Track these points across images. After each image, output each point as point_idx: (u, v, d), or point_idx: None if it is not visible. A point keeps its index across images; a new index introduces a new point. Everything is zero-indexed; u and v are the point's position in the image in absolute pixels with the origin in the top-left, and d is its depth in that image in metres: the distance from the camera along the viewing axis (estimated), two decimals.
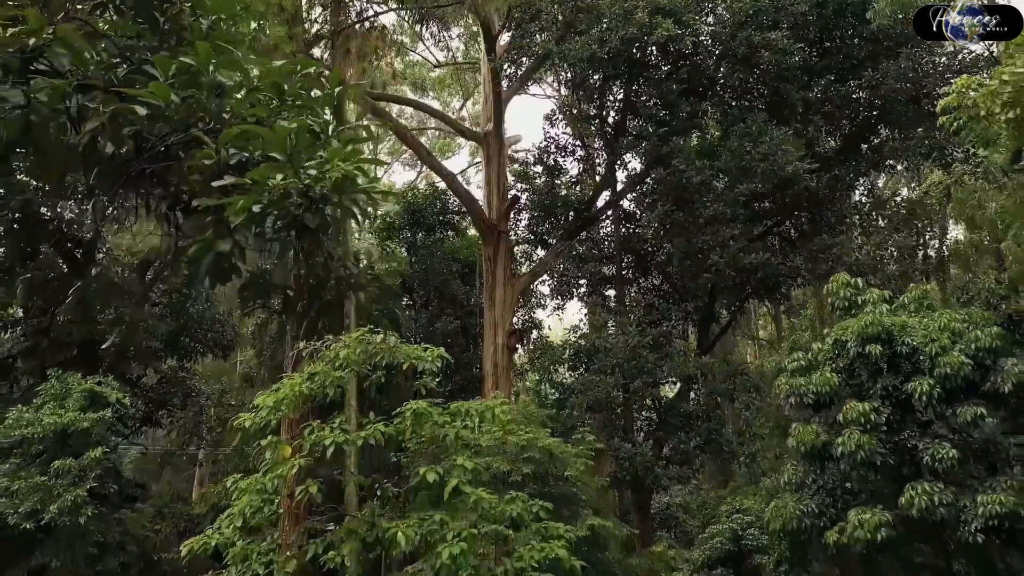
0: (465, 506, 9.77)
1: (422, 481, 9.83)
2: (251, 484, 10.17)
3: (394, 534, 9.38)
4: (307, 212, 4.76)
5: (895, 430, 13.20)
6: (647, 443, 21.58)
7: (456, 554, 9.14)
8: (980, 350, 12.77)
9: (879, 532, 12.22)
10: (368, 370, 11.05)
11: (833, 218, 23.84)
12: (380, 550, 10.11)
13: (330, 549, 9.69)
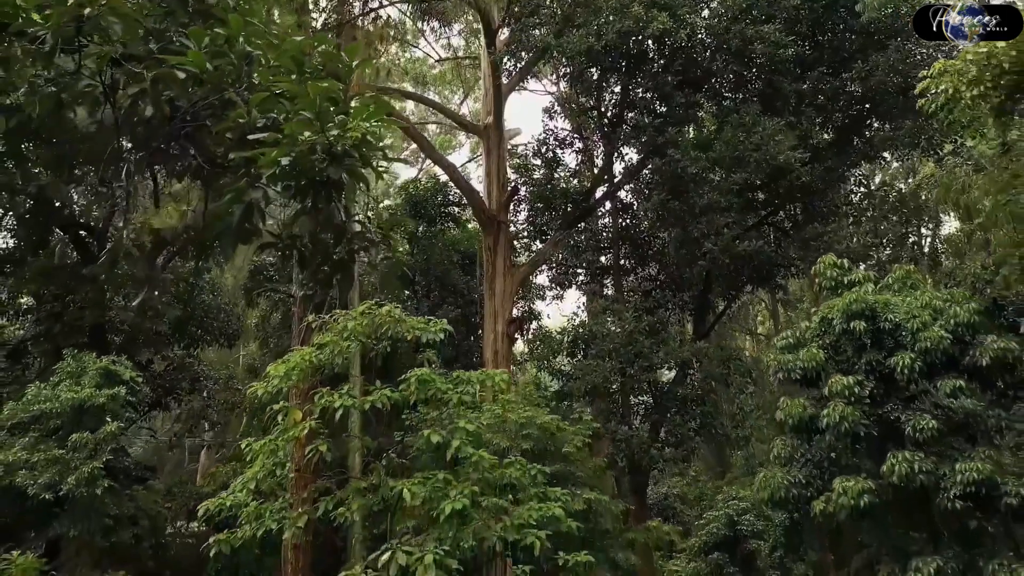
0: (468, 467, 10.35)
1: (426, 443, 10.41)
2: (264, 445, 10.75)
3: (400, 492, 9.95)
4: (330, 166, 5.32)
5: (879, 403, 13.78)
6: (644, 426, 22.16)
7: (459, 509, 9.72)
8: (959, 325, 13.35)
9: (862, 498, 12.80)
10: (373, 343, 11.62)
11: (825, 208, 24.43)
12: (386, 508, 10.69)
13: (339, 506, 10.26)
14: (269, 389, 11.19)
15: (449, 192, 29.72)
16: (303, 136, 5.20)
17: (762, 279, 25.51)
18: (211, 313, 26.72)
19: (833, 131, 24.46)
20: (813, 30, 22.72)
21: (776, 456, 15.29)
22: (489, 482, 10.82)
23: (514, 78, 26.88)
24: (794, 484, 14.36)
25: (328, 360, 11.37)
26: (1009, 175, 11.37)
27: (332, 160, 5.35)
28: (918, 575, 12.54)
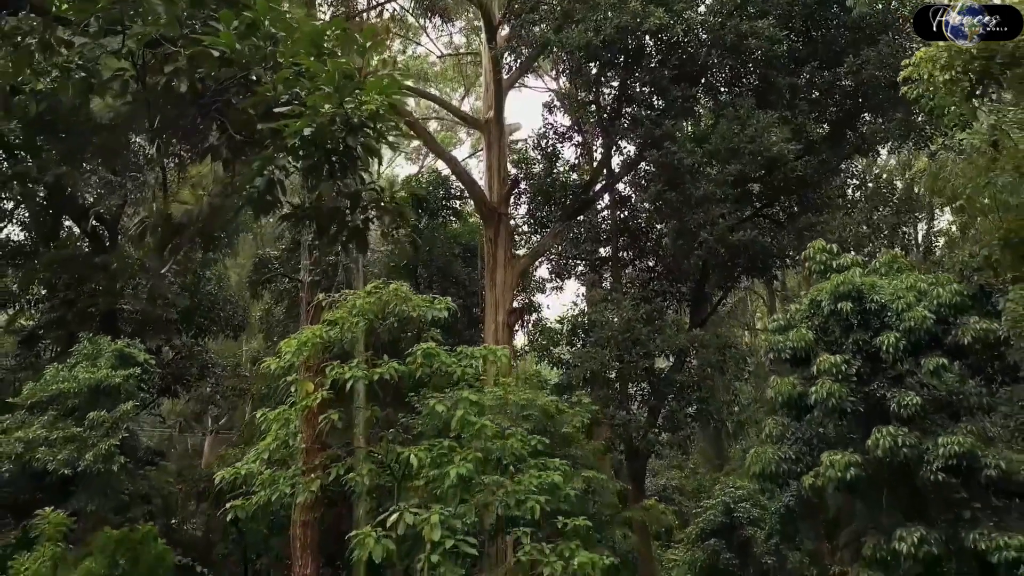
0: (471, 436, 10.90)
1: (432, 413, 10.98)
2: (279, 415, 11.31)
3: (407, 457, 10.51)
4: (349, 136, 5.88)
5: (865, 381, 14.34)
6: (641, 411, 22.71)
7: (463, 474, 10.28)
8: (942, 306, 13.90)
9: (848, 471, 13.35)
10: (380, 321, 12.18)
11: (819, 200, 24.99)
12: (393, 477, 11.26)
13: (350, 471, 10.82)
14: (282, 364, 11.75)
15: (450, 186, 30.28)
16: (324, 108, 5.76)
17: (757, 269, 26.08)
18: (217, 304, 27.29)
19: (827, 125, 24.99)
20: (806, 25, 23.29)
21: (768, 435, 15.84)
22: (491, 452, 11.36)
23: (514, 73, 27.44)
24: (784, 460, 14.92)
25: (338, 337, 11.92)
26: (987, 159, 11.91)
27: (350, 130, 5.91)
28: (901, 544, 13.07)
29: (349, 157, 6.40)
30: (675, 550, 33.51)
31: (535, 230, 28.54)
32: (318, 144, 5.91)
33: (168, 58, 6.42)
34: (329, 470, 11.01)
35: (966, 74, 9.52)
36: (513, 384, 17.21)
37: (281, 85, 5.92)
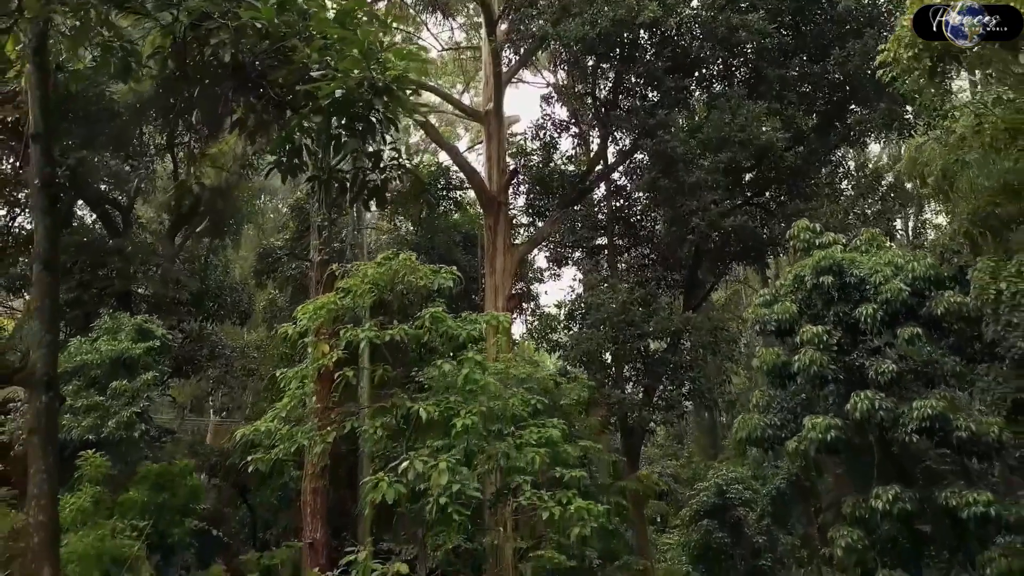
0: (476, 392, 11.75)
1: (439, 371, 11.82)
2: (297, 373, 12.16)
3: (416, 411, 11.35)
4: (375, 97, 6.72)
5: (845, 351, 15.22)
6: (636, 390, 23.59)
7: (469, 424, 11.14)
8: (916, 279, 14.78)
9: (829, 433, 14.21)
10: (389, 290, 13.00)
11: (808, 189, 25.88)
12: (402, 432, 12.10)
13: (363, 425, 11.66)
14: (298, 329, 12.60)
15: (451, 177, 31.14)
16: (353, 73, 6.60)
17: (749, 257, 26.99)
18: (225, 290, 28.13)
19: (816, 116, 25.89)
20: (795, 19, 24.16)
21: (755, 405, 16.72)
22: (494, 411, 12.21)
23: (513, 66, 28.29)
24: (769, 426, 15.79)
25: (350, 305, 12.75)
26: (957, 139, 12.75)
27: (376, 93, 6.76)
28: (877, 502, 13.93)
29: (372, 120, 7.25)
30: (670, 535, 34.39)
31: (533, 219, 29.42)
32: (348, 105, 6.74)
33: (210, 33, 7.27)
34: (344, 424, 11.84)
35: (927, 51, 10.32)
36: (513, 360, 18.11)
37: (315, 54, 6.77)
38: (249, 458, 12.07)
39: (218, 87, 8.46)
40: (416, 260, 13.07)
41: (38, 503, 6.89)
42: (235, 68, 7.42)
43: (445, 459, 10.72)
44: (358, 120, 7.10)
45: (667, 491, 36.83)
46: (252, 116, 8.36)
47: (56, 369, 7.17)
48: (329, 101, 6.66)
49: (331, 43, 7.09)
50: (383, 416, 11.61)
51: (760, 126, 21.94)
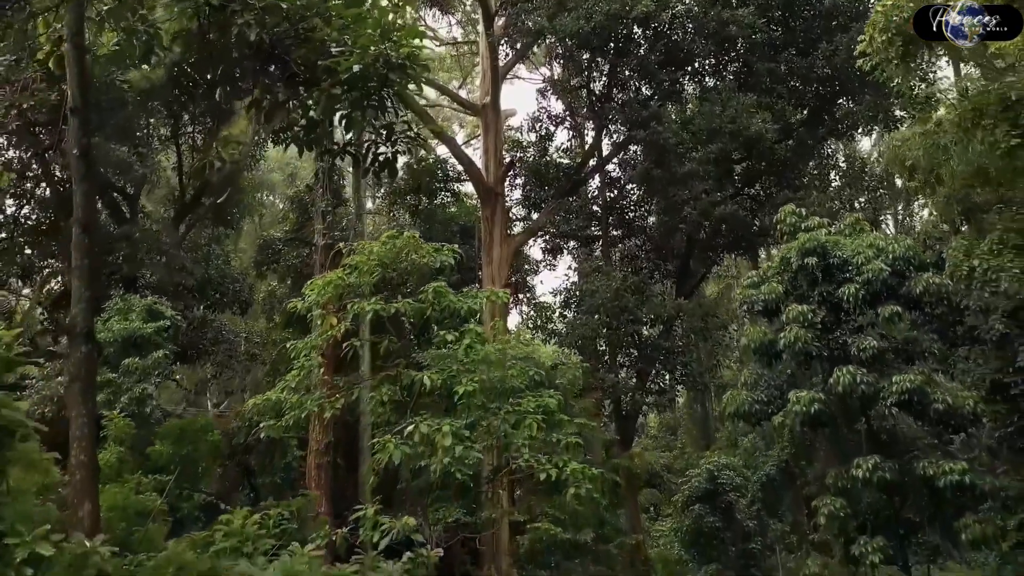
0: (476, 361, 12.38)
1: (441, 342, 12.46)
2: (306, 344, 12.78)
3: (421, 379, 11.98)
4: (391, 72, 7.36)
5: (829, 329, 15.91)
6: (630, 374, 24.27)
7: (470, 391, 11.77)
8: (896, 259, 15.48)
9: (812, 406, 14.90)
10: (393, 268, 13.62)
11: (797, 181, 26.62)
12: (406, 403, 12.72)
13: (373, 391, 12.29)
14: (307, 304, 13.21)
15: (448, 169, 31.77)
16: (370, 50, 7.24)
17: (739, 247, 27.69)
18: (227, 279, 28.69)
19: (805, 109, 26.62)
20: (784, 14, 24.87)
21: (743, 383, 17.41)
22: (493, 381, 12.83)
23: (510, 61, 28.93)
24: (756, 401, 16.48)
25: (356, 281, 13.36)
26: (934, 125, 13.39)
27: (390, 68, 7.39)
28: (858, 471, 14.61)
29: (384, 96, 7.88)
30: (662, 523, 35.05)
31: (529, 210, 30.07)
32: (365, 80, 7.37)
33: (235, 14, 7.89)
34: (351, 392, 12.46)
35: (899, 34, 10.95)
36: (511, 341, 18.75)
37: (335, 32, 7.41)
38: (261, 424, 12.68)
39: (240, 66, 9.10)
40: (419, 239, 13.68)
41: (79, 445, 7.51)
42: (258, 47, 8.05)
43: (448, 423, 11.35)
44: (373, 94, 7.72)
45: (660, 480, 37.51)
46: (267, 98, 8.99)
47: (93, 322, 7.78)
48: (348, 76, 7.29)
49: (348, 23, 7.72)
50: (388, 384, 12.22)
51: (750, 118, 22.64)
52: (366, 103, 7.93)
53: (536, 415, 12.35)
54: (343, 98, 7.81)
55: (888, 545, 14.72)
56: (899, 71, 11.62)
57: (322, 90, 7.46)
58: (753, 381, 17.18)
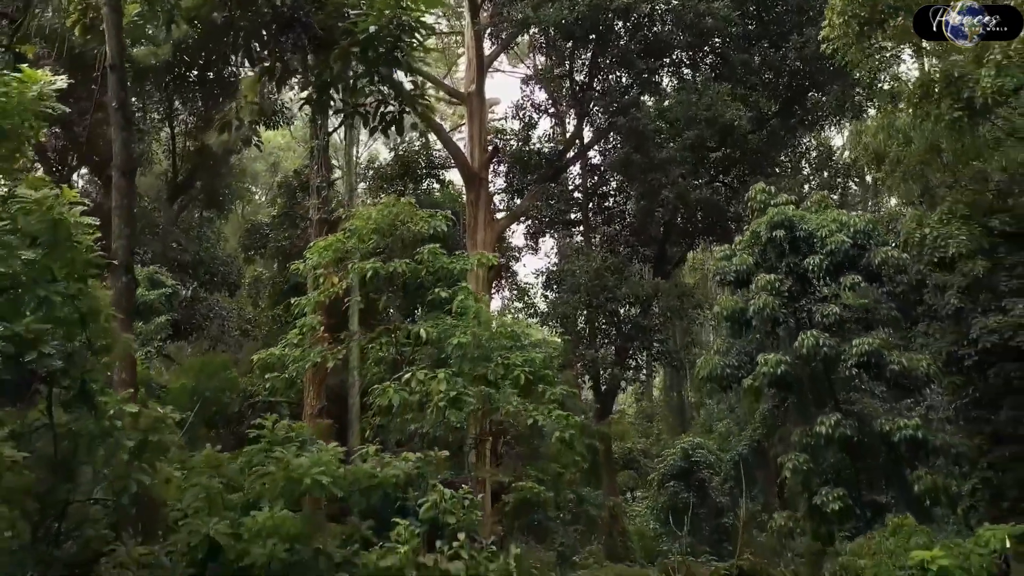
0: (469, 316, 13.34)
1: (436, 298, 13.42)
2: (308, 300, 13.68)
3: (417, 331, 12.92)
4: (403, 34, 8.30)
5: (795, 298, 17.05)
6: (609, 350, 25.35)
7: (463, 342, 12.72)
8: (857, 232, 16.63)
9: (779, 367, 16.00)
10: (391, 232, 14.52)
11: (770, 169, 27.83)
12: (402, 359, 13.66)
13: (371, 343, 13.21)
14: (309, 264, 14.10)
15: (434, 155, 32.67)
16: (386, 12, 8.18)
17: (714, 232, 28.86)
18: (217, 261, 29.43)
19: (778, 101, 27.83)
20: (758, 8, 26.07)
21: (716, 350, 18.51)
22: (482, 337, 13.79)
23: (495, 50, 29.89)
24: (728, 366, 17.57)
25: (356, 244, 14.25)
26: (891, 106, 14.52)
27: (403, 31, 8.34)
28: (821, 427, 15.74)
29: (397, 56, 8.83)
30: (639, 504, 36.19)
31: (512, 195, 31.06)
32: (380, 41, 8.29)
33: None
34: (351, 345, 13.38)
35: (855, 18, 12.00)
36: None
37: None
38: (266, 376, 13.54)
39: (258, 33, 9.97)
40: (414, 205, 14.60)
41: (120, 365, 8.37)
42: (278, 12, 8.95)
43: (443, 372, 12.30)
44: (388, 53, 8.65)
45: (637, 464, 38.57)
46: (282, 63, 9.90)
47: (132, 256, 8.64)
48: (364, 37, 8.21)
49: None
50: (386, 337, 13.15)
51: (725, 106, 23.78)
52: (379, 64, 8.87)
53: (524, 368, 13.33)
54: (359, 58, 8.74)
55: (848, 495, 15.86)
56: (857, 54, 12.64)
57: (341, 49, 8.37)
58: (726, 348, 18.27)
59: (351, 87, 9.04)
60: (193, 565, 6.69)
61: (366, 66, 8.31)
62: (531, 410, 12.83)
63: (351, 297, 13.45)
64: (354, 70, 8.81)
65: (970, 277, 18.27)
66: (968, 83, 10.88)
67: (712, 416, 37.83)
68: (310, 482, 7.24)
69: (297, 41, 9.04)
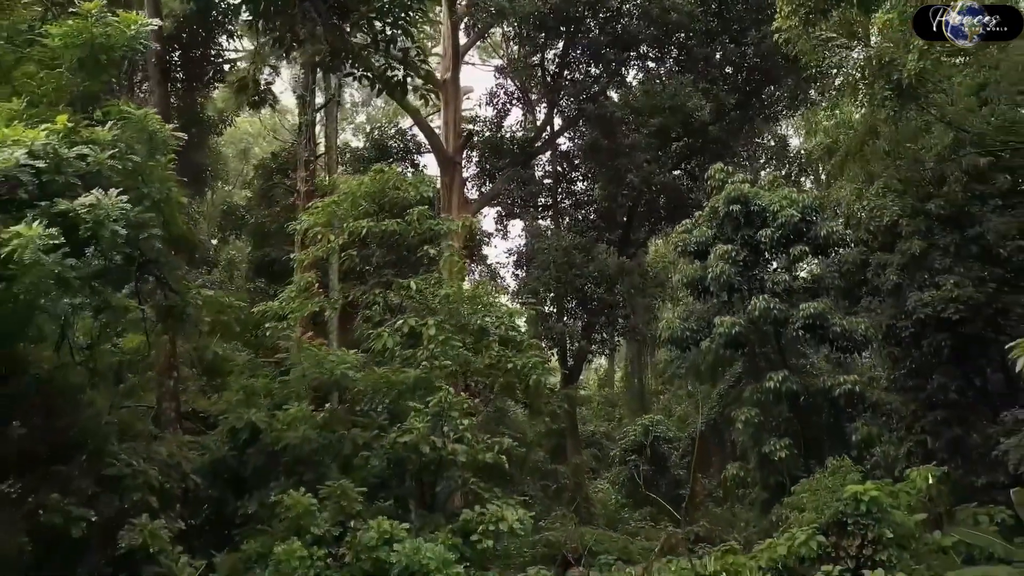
0: (455, 270, 14.67)
1: (424, 255, 14.71)
2: (307, 254, 14.86)
3: (408, 284, 14.20)
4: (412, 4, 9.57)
5: (749, 267, 18.67)
6: (576, 325, 26.84)
7: (448, 294, 14.04)
8: (805, 208, 18.32)
9: (733, 328, 17.60)
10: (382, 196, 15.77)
11: (728, 159, 29.55)
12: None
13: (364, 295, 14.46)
14: (307, 224, 15.29)
15: (409, 140, 33.81)
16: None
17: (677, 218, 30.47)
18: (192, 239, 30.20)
19: (737, 94, 29.54)
20: (719, 6, 27.74)
21: (677, 315, 20.07)
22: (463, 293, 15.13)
23: (469, 40, 31.15)
24: (688, 329, 19.13)
25: (349, 208, 15.45)
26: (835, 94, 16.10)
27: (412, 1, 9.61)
28: (770, 383, 17.36)
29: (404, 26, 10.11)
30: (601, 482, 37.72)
31: (484, 180, 32.37)
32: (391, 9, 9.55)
33: None
34: (349, 296, 14.60)
35: (802, 6, 13.44)
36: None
37: None
38: (266, 325, 14.67)
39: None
40: (402, 173, 15.87)
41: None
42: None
43: (433, 320, 13.60)
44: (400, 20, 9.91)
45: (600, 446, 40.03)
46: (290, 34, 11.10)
47: None
48: (379, 5, 9.46)
49: None
50: (380, 289, 14.40)
51: (687, 96, 25.40)
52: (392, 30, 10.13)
53: (503, 319, 14.72)
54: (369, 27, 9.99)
55: (793, 446, 17.51)
56: (805, 44, 14.11)
57: (361, 15, 9.61)
58: (686, 314, 19.84)
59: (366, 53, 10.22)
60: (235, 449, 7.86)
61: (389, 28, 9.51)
62: (511, 356, 14.19)
63: (346, 252, 14.62)
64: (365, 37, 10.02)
65: (907, 256, 20.01)
66: (897, 67, 12.42)
67: (672, 400, 39.63)
68: (339, 374, 8.49)
69: (316, 10, 10.24)
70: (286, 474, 8.43)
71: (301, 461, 8.40)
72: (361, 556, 7.96)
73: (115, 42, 7.19)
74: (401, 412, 9.92)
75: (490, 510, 9.16)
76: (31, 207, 5.66)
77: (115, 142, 6.41)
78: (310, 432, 7.84)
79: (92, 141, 6.36)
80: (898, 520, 13.91)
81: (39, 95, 7.36)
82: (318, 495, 8.13)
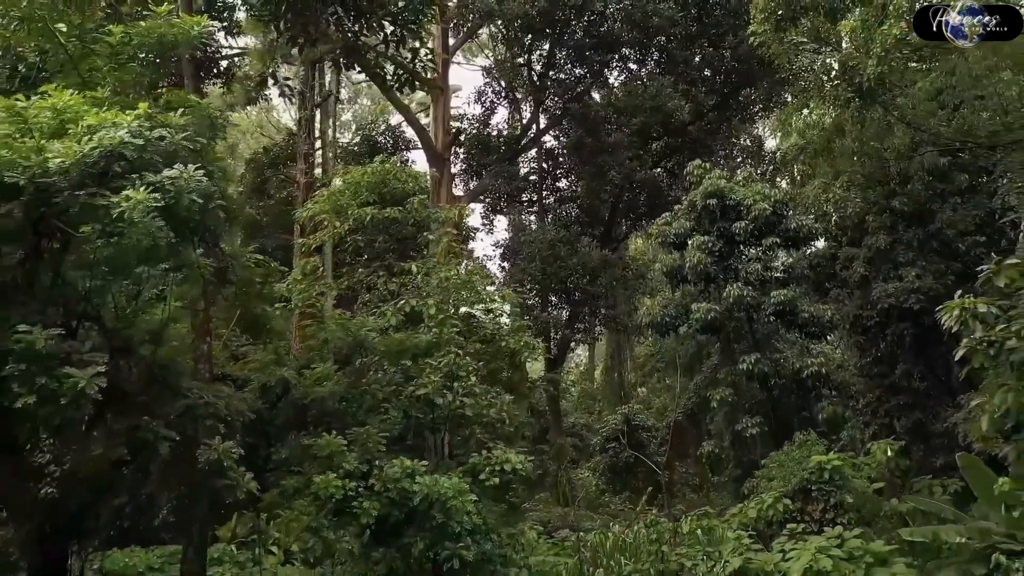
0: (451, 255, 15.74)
1: (424, 240, 15.77)
2: (315, 239, 15.86)
3: (408, 267, 15.23)
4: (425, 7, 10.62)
5: (725, 257, 19.87)
6: (561, 314, 28.01)
7: (445, 277, 15.10)
8: (777, 202, 19.58)
9: (709, 314, 18.80)
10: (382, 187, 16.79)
11: (706, 158, 30.82)
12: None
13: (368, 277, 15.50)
14: (311, 211, 16.28)
15: (399, 136, 34.84)
16: None
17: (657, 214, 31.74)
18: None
19: (715, 96, 30.87)
20: (699, 11, 29.01)
21: (657, 302, 21.27)
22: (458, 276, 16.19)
23: (459, 40, 32.21)
24: (667, 315, 20.32)
25: (351, 198, 16.46)
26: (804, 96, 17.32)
27: (424, 4, 10.66)
28: (743, 365, 18.59)
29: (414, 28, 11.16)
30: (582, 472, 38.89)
31: (472, 176, 33.48)
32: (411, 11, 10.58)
33: None
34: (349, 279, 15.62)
35: (773, 14, 14.54)
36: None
37: None
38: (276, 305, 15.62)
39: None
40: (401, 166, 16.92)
41: None
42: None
43: (432, 299, 14.65)
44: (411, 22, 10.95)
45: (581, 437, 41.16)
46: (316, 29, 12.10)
47: None
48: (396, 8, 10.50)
49: None
50: (383, 271, 15.44)
51: (667, 97, 26.66)
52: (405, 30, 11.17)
53: (493, 301, 15.81)
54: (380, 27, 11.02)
55: (764, 423, 18.76)
56: (777, 47, 15.25)
57: (376, 17, 10.66)
58: (666, 301, 21.03)
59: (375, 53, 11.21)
60: (267, 403, 8.89)
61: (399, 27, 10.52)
62: (504, 335, 15.29)
63: (352, 238, 15.61)
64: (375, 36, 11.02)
65: (874, 250, 21.33)
66: (859, 71, 13.62)
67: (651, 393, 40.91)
68: (363, 335, 9.54)
69: (335, 11, 11.26)
70: (314, 425, 9.56)
71: (327, 413, 9.54)
72: (388, 486, 9.19)
73: (182, 40, 8.22)
74: (415, 373, 11.01)
75: (495, 454, 10.34)
76: (124, 179, 6.66)
77: (186, 126, 7.43)
78: (337, 388, 8.89)
79: (166, 125, 7.38)
80: (858, 488, 15.23)
81: (116, 86, 8.38)
82: (347, 439, 9.35)
